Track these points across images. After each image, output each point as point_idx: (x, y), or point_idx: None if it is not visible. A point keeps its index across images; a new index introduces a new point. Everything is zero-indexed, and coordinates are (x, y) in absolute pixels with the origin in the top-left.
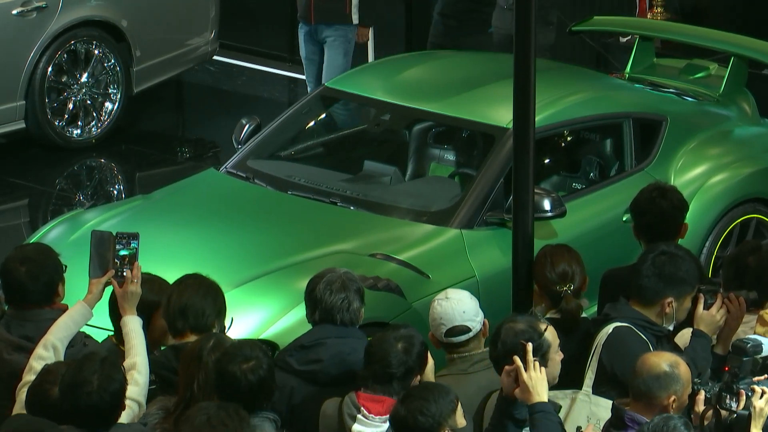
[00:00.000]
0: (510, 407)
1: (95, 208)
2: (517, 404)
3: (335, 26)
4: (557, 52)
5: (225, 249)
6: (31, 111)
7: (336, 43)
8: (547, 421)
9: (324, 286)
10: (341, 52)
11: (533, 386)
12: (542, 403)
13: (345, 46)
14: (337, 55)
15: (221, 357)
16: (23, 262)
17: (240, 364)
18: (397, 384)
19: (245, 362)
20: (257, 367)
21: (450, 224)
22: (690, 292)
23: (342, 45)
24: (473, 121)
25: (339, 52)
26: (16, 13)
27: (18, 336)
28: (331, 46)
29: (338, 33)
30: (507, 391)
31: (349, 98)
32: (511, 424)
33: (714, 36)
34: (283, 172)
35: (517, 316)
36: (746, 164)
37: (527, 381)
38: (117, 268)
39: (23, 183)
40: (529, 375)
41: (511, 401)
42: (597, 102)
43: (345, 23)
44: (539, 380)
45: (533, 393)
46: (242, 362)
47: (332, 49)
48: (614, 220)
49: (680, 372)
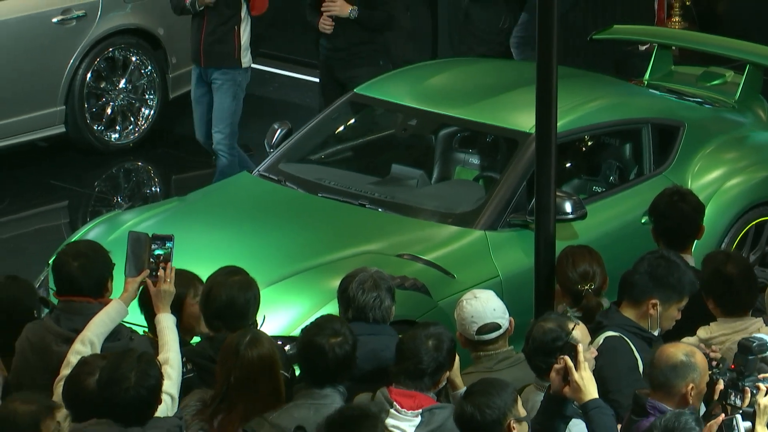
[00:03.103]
0: (560, 405)
1: (133, 210)
2: (567, 402)
3: (224, 69)
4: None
5: (257, 249)
6: (71, 116)
7: (224, 87)
8: (603, 416)
9: (356, 285)
10: (230, 95)
11: (585, 385)
12: (596, 399)
13: (234, 90)
14: (225, 98)
15: (309, 328)
16: (76, 257)
17: (328, 337)
18: (428, 379)
19: (334, 337)
20: (344, 343)
21: (474, 226)
22: (677, 301)
23: (230, 88)
24: (497, 126)
25: (227, 96)
26: (57, 21)
27: (67, 329)
28: (219, 90)
29: (227, 77)
30: (556, 390)
31: (378, 104)
32: (560, 421)
33: (730, 44)
34: (314, 175)
35: (550, 315)
36: (761, 168)
37: (579, 381)
38: (152, 268)
39: (63, 185)
40: (580, 375)
41: (561, 400)
42: (617, 108)
43: (234, 66)
44: (589, 379)
45: (585, 391)
46: (331, 336)
47: (220, 92)
48: (633, 222)
49: (696, 361)
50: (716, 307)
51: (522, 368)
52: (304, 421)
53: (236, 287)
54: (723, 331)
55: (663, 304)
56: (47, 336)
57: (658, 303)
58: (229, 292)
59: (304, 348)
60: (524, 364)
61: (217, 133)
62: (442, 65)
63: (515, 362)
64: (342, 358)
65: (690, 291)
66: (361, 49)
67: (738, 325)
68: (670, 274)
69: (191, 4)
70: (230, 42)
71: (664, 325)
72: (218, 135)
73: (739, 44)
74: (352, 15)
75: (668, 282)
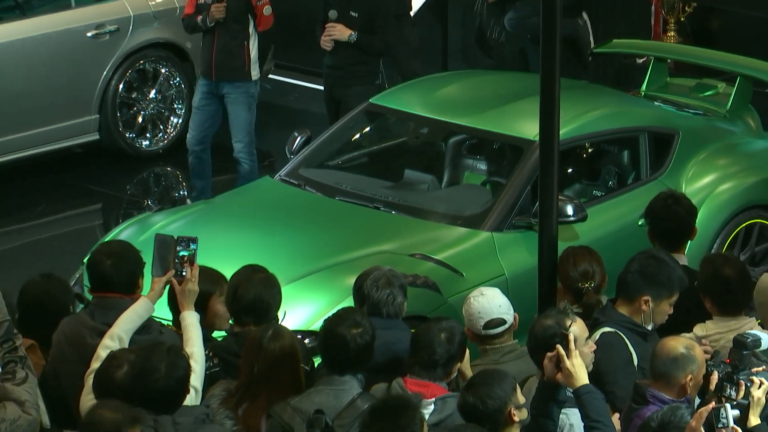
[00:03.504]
0: (554, 391)
1: (162, 212)
2: (560, 388)
3: (236, 83)
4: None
5: (278, 249)
6: (105, 124)
7: (239, 100)
8: (595, 399)
9: (371, 283)
10: (245, 107)
11: (576, 372)
12: (587, 384)
13: (248, 101)
14: (241, 111)
15: (332, 319)
16: (109, 256)
17: (350, 328)
18: (440, 370)
19: (355, 327)
20: (364, 333)
21: (482, 227)
22: (667, 297)
23: (245, 100)
24: (503, 134)
25: (243, 108)
26: (91, 35)
27: (101, 323)
28: (234, 103)
29: (239, 90)
30: (549, 377)
31: (391, 113)
32: (554, 405)
33: (722, 58)
34: (332, 180)
35: (550, 312)
36: (751, 174)
37: (570, 367)
38: (177, 268)
39: (97, 189)
40: (571, 362)
41: (554, 386)
42: (615, 117)
43: (245, 79)
44: (580, 366)
45: (576, 377)
46: (352, 327)
47: (236, 105)
48: (631, 224)
49: (696, 354)
50: (713, 306)
51: (526, 361)
52: (324, 406)
53: (261, 285)
54: (718, 329)
55: (654, 300)
56: (82, 330)
57: (649, 299)
58: (255, 290)
59: (327, 338)
60: (528, 357)
61: (237, 142)
62: (452, 77)
63: (519, 355)
64: (362, 348)
65: (679, 287)
66: (357, 69)
67: (733, 323)
68: (659, 272)
69: (202, 21)
70: (240, 56)
71: (657, 319)
72: (238, 144)
73: (731, 57)
74: (351, 39)
75: (658, 279)
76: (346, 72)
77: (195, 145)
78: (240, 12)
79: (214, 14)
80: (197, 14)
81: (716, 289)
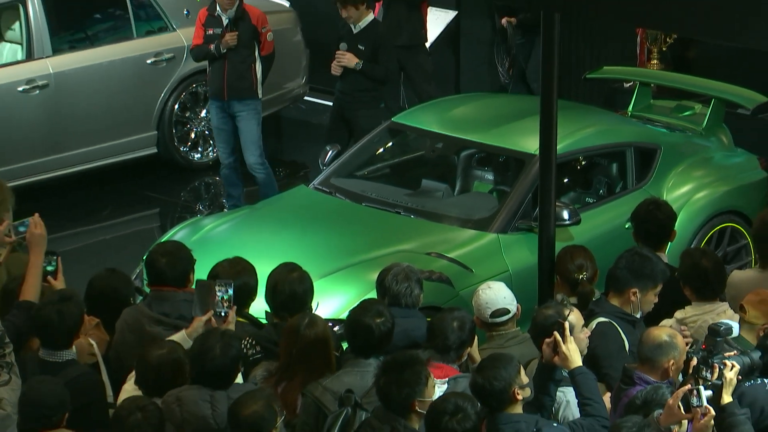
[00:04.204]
0: (551, 372)
1: (211, 216)
2: (556, 369)
3: (245, 101)
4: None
5: (312, 248)
6: (162, 139)
7: (249, 116)
8: (587, 379)
9: (391, 277)
10: (255, 123)
11: (570, 355)
12: (581, 366)
13: (257, 117)
14: (251, 126)
15: (356, 309)
16: (164, 255)
17: (373, 317)
18: (453, 354)
19: (378, 317)
20: (386, 321)
21: (489, 229)
22: (652, 287)
23: (254, 117)
24: (508, 148)
25: (253, 123)
26: (150, 62)
27: (157, 312)
28: (245, 119)
29: (249, 107)
30: (547, 360)
31: (411, 130)
32: (552, 384)
33: (698, 83)
34: (359, 188)
35: (550, 303)
36: (723, 184)
37: (565, 351)
38: (217, 309)
39: (155, 195)
40: (567, 347)
41: (552, 367)
42: (605, 134)
43: (253, 98)
44: (574, 350)
45: (571, 360)
46: (375, 317)
47: (246, 121)
48: (619, 227)
49: (677, 342)
50: (692, 294)
51: (527, 345)
52: (352, 386)
53: (296, 282)
54: (696, 312)
55: (641, 292)
56: (141, 318)
57: (637, 291)
58: (291, 286)
59: (353, 326)
60: (529, 342)
61: (251, 155)
62: (463, 99)
63: (522, 340)
64: (384, 334)
65: (662, 279)
66: (364, 94)
67: (708, 307)
68: (644, 267)
69: (216, 48)
70: (249, 78)
71: (644, 308)
72: (251, 157)
73: (706, 82)
74: (357, 67)
75: (644, 273)
76: (353, 98)
77: (227, 158)
78: (248, 39)
79: (228, 41)
80: (207, 44)
81: (695, 278)
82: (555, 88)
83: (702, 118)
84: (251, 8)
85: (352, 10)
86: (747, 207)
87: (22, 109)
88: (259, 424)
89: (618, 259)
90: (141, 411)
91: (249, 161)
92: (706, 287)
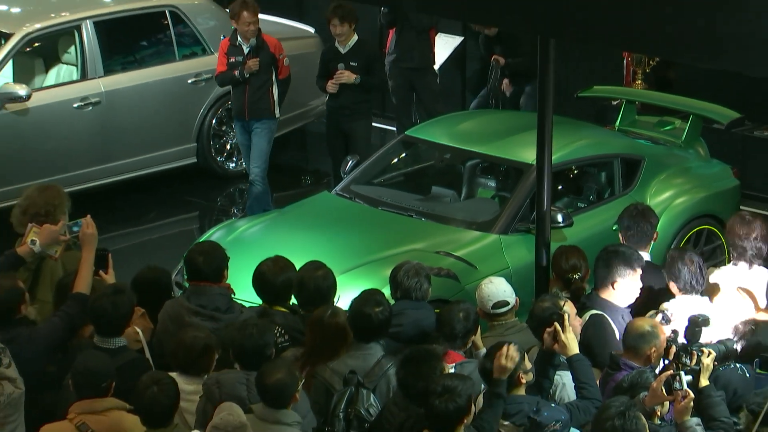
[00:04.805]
0: (551, 358)
1: (244, 218)
2: (556, 356)
3: (263, 120)
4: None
5: (334, 247)
6: (200, 150)
7: (263, 133)
8: (583, 366)
9: (403, 273)
10: (266, 140)
11: (569, 344)
12: (578, 354)
13: (269, 135)
14: (263, 142)
15: (358, 300)
16: (201, 254)
17: (373, 307)
18: (459, 341)
19: (376, 306)
20: (384, 310)
21: (491, 231)
22: (631, 274)
23: (267, 134)
24: (508, 159)
25: (264, 140)
26: (191, 82)
27: (195, 304)
28: (259, 135)
29: (265, 126)
30: (548, 347)
31: (422, 143)
32: (551, 369)
33: (678, 100)
34: (376, 194)
35: (545, 296)
36: (700, 190)
37: (565, 340)
38: None
39: (194, 200)
40: (566, 336)
41: (552, 354)
42: (595, 146)
43: (271, 118)
44: (572, 339)
45: (569, 347)
46: (374, 306)
47: (260, 137)
48: (607, 229)
49: (658, 331)
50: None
51: (525, 334)
52: (355, 367)
53: (320, 279)
54: (679, 303)
55: (623, 280)
56: (181, 310)
57: (619, 281)
58: (315, 283)
59: (355, 315)
60: (527, 331)
61: (256, 167)
62: (469, 115)
63: (520, 329)
64: (383, 321)
65: (638, 264)
66: (360, 105)
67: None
68: (618, 258)
69: (240, 74)
70: (267, 99)
71: (630, 295)
72: (256, 169)
73: (685, 100)
74: (356, 81)
75: (620, 264)
76: (351, 110)
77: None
78: (268, 64)
79: (252, 66)
80: (231, 70)
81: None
82: (550, 105)
83: (681, 132)
84: (269, 37)
85: (347, 27)
86: (721, 211)
87: (76, 124)
88: (283, 390)
89: (597, 260)
90: (157, 385)
91: (252, 172)
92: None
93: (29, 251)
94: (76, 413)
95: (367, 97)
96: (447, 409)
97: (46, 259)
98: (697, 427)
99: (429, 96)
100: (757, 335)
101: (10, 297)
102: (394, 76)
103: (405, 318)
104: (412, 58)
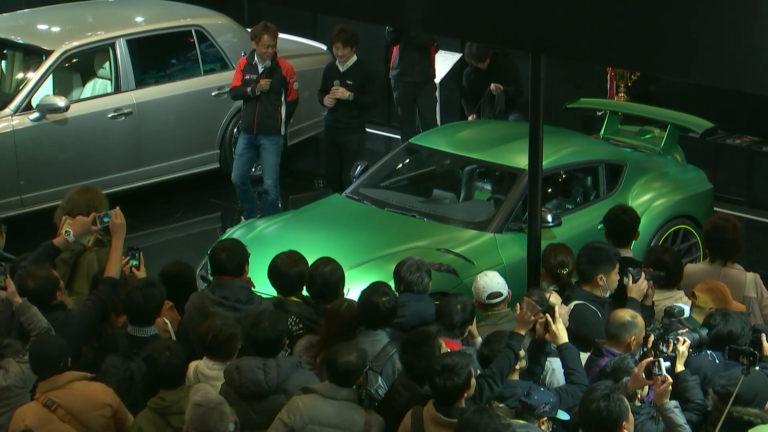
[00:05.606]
0: (542, 346)
1: (263, 218)
2: (547, 344)
3: (271, 136)
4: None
5: (345, 244)
6: (223, 156)
7: (272, 149)
8: (572, 354)
9: (406, 268)
10: (276, 154)
11: (559, 333)
12: (567, 342)
13: (278, 150)
14: (273, 157)
15: (366, 291)
16: (224, 250)
17: (380, 296)
18: (457, 331)
19: (383, 296)
20: (390, 300)
21: (487, 230)
22: (612, 269)
23: (276, 149)
24: (502, 164)
25: (274, 155)
26: (214, 94)
27: (219, 296)
28: (268, 150)
29: (272, 141)
30: (539, 336)
31: (424, 150)
32: (543, 356)
33: (657, 112)
34: (382, 196)
35: (534, 290)
36: (678, 193)
37: (555, 330)
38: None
39: (217, 202)
40: (556, 326)
41: (542, 342)
42: (582, 153)
43: (278, 134)
44: (562, 329)
45: (559, 337)
46: (381, 296)
47: (269, 152)
48: (592, 228)
49: (638, 321)
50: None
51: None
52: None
53: (328, 274)
54: (658, 298)
55: (606, 275)
56: (206, 301)
57: (603, 276)
58: (324, 277)
59: (363, 304)
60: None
61: (268, 179)
62: (466, 124)
63: (512, 319)
64: (389, 310)
65: (617, 259)
66: (354, 120)
67: (668, 294)
68: (600, 255)
69: (251, 91)
70: (275, 117)
71: (611, 287)
72: (269, 181)
73: (664, 111)
74: (350, 98)
75: (602, 260)
76: (345, 124)
77: (238, 180)
78: (278, 86)
79: (263, 86)
80: (245, 86)
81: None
82: (541, 116)
83: (660, 140)
84: (283, 61)
85: (348, 49)
86: (697, 212)
87: (110, 133)
88: (351, 371)
89: (579, 256)
90: (168, 350)
91: (266, 183)
92: (667, 278)
93: (64, 241)
94: (41, 392)
95: (361, 113)
96: (446, 386)
97: (83, 255)
98: (675, 409)
99: (428, 107)
100: (729, 324)
101: (46, 285)
102: (398, 89)
103: (408, 309)
104: (414, 72)
